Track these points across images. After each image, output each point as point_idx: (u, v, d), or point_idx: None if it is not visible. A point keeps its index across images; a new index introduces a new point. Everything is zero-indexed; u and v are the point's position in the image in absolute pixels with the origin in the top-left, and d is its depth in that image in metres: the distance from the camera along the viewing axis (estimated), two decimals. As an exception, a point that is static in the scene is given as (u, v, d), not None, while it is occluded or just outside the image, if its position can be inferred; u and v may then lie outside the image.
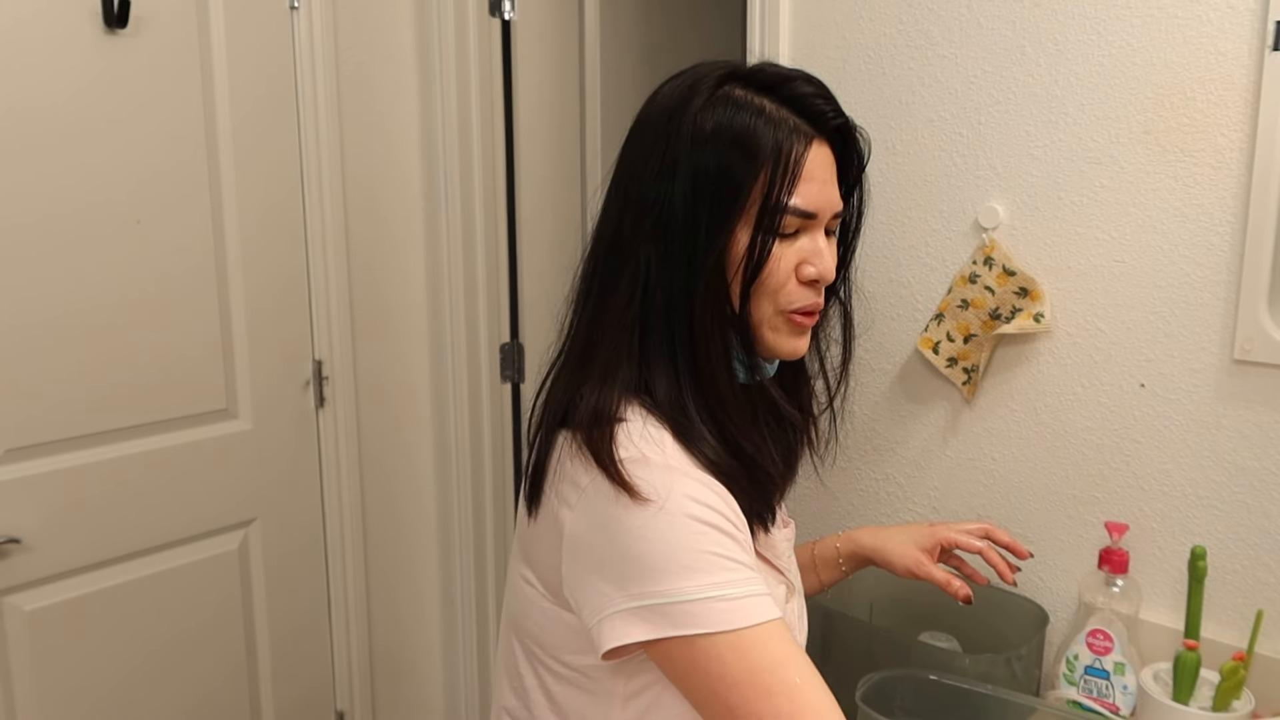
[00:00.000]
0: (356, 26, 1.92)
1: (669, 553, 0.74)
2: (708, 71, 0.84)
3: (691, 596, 0.73)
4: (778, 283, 0.83)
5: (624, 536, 0.75)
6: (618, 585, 0.75)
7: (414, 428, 2.11)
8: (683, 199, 0.81)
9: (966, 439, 1.42)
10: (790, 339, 0.87)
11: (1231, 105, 1.16)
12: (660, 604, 0.73)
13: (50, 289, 1.54)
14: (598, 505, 0.77)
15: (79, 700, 1.65)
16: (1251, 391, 1.19)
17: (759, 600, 0.75)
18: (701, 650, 0.73)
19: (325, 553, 2.00)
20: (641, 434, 0.79)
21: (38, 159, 1.51)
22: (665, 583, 0.73)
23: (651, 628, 0.74)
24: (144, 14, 1.60)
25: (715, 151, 0.80)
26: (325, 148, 1.88)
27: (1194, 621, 1.15)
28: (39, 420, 1.56)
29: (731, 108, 0.81)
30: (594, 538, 0.77)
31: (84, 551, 1.63)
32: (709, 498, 0.77)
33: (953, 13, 1.34)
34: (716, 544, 0.75)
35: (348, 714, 2.08)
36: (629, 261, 0.83)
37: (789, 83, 0.83)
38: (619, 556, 0.75)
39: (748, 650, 0.73)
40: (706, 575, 0.74)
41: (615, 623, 0.75)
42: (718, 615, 0.73)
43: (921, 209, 1.41)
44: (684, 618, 0.73)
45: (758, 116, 0.81)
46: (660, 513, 0.74)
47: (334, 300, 1.93)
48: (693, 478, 0.78)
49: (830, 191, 0.84)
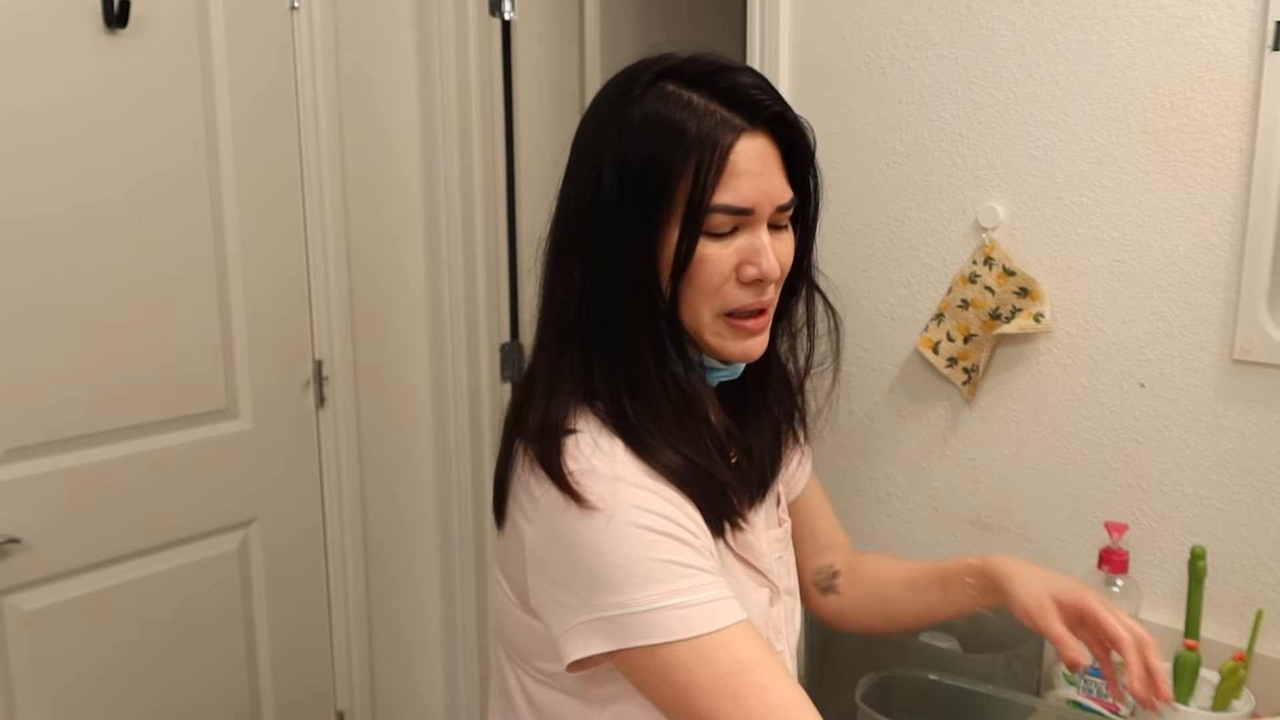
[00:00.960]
0: (356, 26, 1.92)
1: (623, 564, 0.73)
2: (644, 66, 0.81)
3: (649, 606, 0.72)
4: (714, 284, 0.80)
5: (578, 549, 0.74)
6: (577, 598, 0.74)
7: (414, 428, 2.11)
8: (610, 197, 0.78)
9: (966, 439, 1.42)
10: (735, 343, 0.83)
11: (1231, 105, 1.16)
12: (619, 615, 0.73)
13: (50, 289, 1.54)
14: (551, 518, 0.76)
15: (79, 700, 1.65)
16: (1251, 391, 1.19)
17: (720, 604, 0.74)
18: (664, 659, 0.72)
19: (325, 553, 2.00)
20: (591, 445, 0.78)
21: (38, 159, 1.51)
22: (622, 594, 0.73)
23: (612, 639, 0.73)
24: (144, 14, 1.60)
25: (641, 147, 0.78)
26: (325, 148, 1.88)
27: (1194, 621, 1.15)
28: (39, 420, 1.56)
29: (659, 102, 0.78)
30: (550, 551, 0.77)
31: (84, 551, 1.63)
32: (658, 505, 0.76)
33: (953, 13, 1.34)
34: (670, 551, 0.74)
35: (348, 714, 2.08)
36: (567, 265, 0.81)
37: (720, 73, 0.80)
38: (575, 569, 0.75)
39: (712, 656, 0.72)
40: (663, 584, 0.73)
41: (577, 635, 0.74)
42: (677, 623, 0.72)
43: (921, 209, 1.41)
44: (643, 628, 0.72)
45: (684, 110, 0.78)
46: (610, 524, 0.74)
47: (334, 300, 1.93)
48: (641, 486, 0.76)
49: (768, 184, 0.80)
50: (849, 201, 1.47)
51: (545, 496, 0.77)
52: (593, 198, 0.79)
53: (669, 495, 0.77)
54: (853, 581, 1.10)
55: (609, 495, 0.75)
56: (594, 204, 0.79)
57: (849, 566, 1.11)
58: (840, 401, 1.53)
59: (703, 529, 0.79)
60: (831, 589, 1.10)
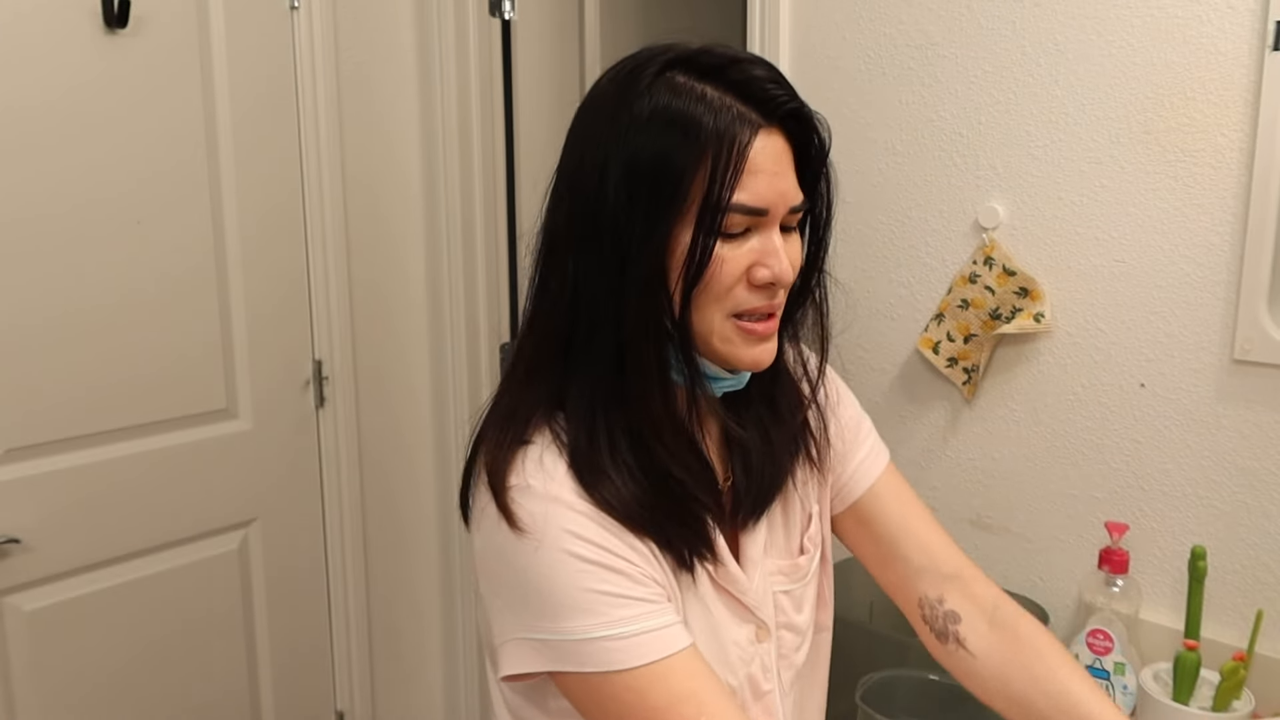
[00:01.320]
0: (356, 26, 1.92)
1: (554, 591, 0.71)
2: (650, 57, 0.75)
3: (580, 636, 0.70)
4: (725, 287, 0.75)
5: (512, 569, 0.73)
6: (513, 614, 0.73)
7: (414, 427, 2.11)
8: (615, 195, 0.73)
9: (966, 439, 1.42)
10: (747, 349, 0.78)
11: (1231, 105, 1.16)
12: (551, 640, 0.71)
13: (50, 289, 1.54)
14: (490, 531, 0.75)
15: (79, 700, 1.65)
16: (1251, 391, 1.19)
17: (658, 635, 0.71)
18: (598, 688, 0.71)
19: (325, 553, 2.00)
20: (536, 461, 0.75)
21: (38, 159, 1.51)
22: (555, 620, 0.71)
23: (546, 661, 0.71)
24: (144, 14, 1.60)
25: (651, 143, 0.72)
26: (325, 148, 1.88)
27: (1194, 621, 1.15)
28: (39, 420, 1.56)
29: (670, 94, 0.73)
30: (490, 563, 0.75)
31: (84, 551, 1.63)
32: (592, 531, 0.72)
33: (953, 13, 1.34)
34: (602, 581, 0.71)
35: (348, 714, 2.08)
36: (560, 264, 0.76)
37: (735, 65, 0.74)
38: (511, 587, 0.73)
39: (646, 689, 0.70)
40: (593, 615, 0.70)
41: (513, 650, 0.73)
42: (610, 655, 0.70)
43: (921, 209, 1.41)
44: (576, 656, 0.70)
45: (698, 103, 0.73)
46: (539, 549, 0.71)
47: (334, 300, 1.93)
48: (577, 510, 0.73)
49: (783, 184, 0.75)
50: (849, 201, 1.47)
51: (487, 509, 0.75)
52: (594, 195, 0.74)
53: (605, 521, 0.73)
54: (997, 653, 0.88)
55: (540, 517, 0.72)
56: (596, 202, 0.74)
57: (990, 624, 0.89)
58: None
59: (643, 555, 0.75)
60: (951, 637, 0.90)
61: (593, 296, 0.75)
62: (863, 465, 0.93)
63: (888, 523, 0.92)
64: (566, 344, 0.77)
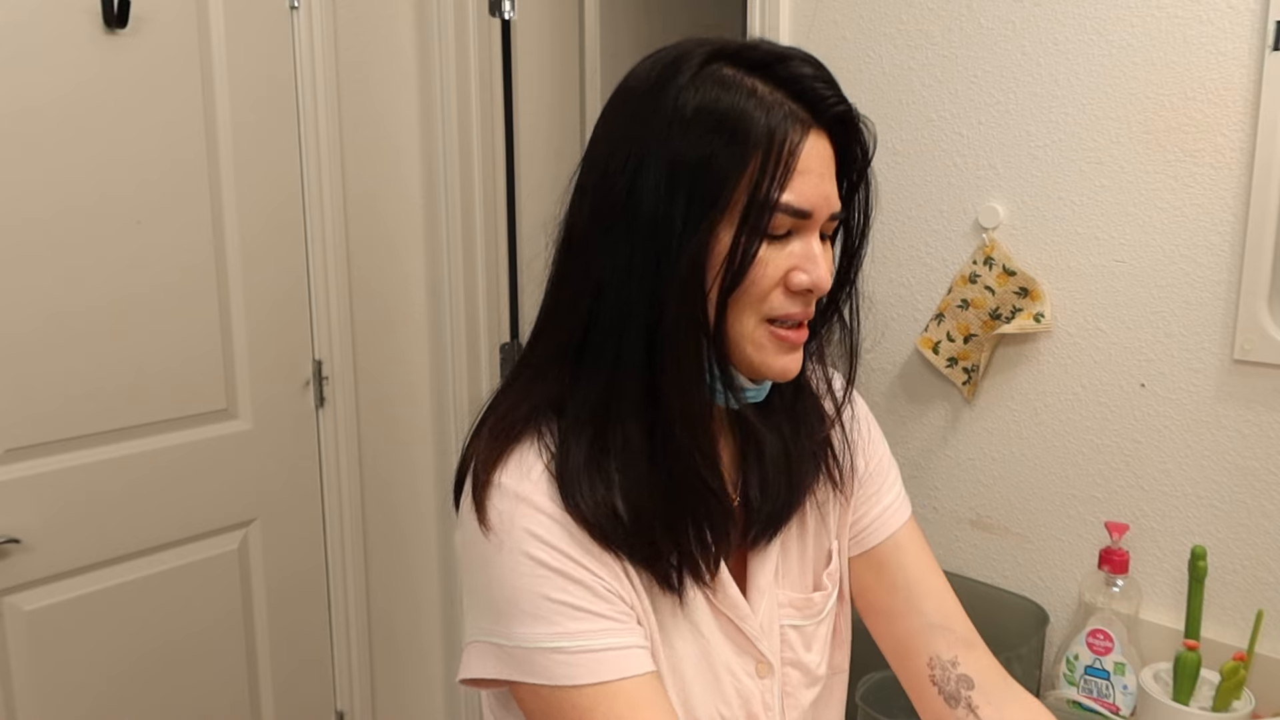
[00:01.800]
0: (356, 26, 1.92)
1: (510, 595, 0.69)
2: (692, 48, 0.72)
3: (532, 645, 0.68)
4: (762, 291, 0.71)
5: (477, 568, 0.71)
6: (475, 615, 0.72)
7: (414, 428, 2.11)
8: (654, 190, 0.69)
9: (966, 439, 1.42)
10: (778, 356, 0.74)
11: (1231, 105, 1.16)
12: (504, 644, 0.69)
13: (50, 289, 1.54)
14: (463, 527, 0.74)
15: (79, 700, 1.65)
16: (1251, 391, 1.19)
17: (614, 655, 0.68)
18: (545, 699, 0.68)
19: (325, 552, 2.00)
20: (517, 459, 0.72)
21: (37, 159, 1.51)
22: (508, 625, 0.69)
23: (501, 666, 0.70)
24: (144, 14, 1.60)
25: (696, 137, 0.68)
26: (325, 148, 1.88)
27: (1194, 621, 1.15)
28: (39, 420, 1.56)
29: (718, 88, 0.69)
30: (462, 560, 0.74)
31: (84, 551, 1.63)
32: (557, 536, 0.69)
33: (953, 13, 1.34)
34: (560, 590, 0.68)
35: (348, 714, 2.08)
36: (586, 261, 0.72)
37: (785, 62, 0.71)
38: (475, 586, 0.72)
39: (589, 708, 0.67)
40: (547, 624, 0.68)
41: (473, 652, 0.71)
42: (558, 668, 0.67)
43: (921, 209, 1.41)
44: (527, 665, 0.68)
45: (748, 98, 0.69)
46: (500, 549, 0.69)
47: (334, 300, 1.93)
48: (544, 512, 0.70)
49: (827, 188, 0.72)
50: (849, 201, 1.47)
51: (464, 505, 0.74)
52: (632, 190, 0.70)
53: (574, 530, 0.70)
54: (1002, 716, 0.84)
55: (506, 516, 0.70)
56: (633, 197, 0.70)
57: (1003, 697, 0.85)
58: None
59: (611, 570, 0.71)
60: (963, 703, 0.85)
61: (622, 295, 0.71)
62: (889, 510, 0.90)
63: (908, 575, 0.88)
64: (580, 343, 0.73)
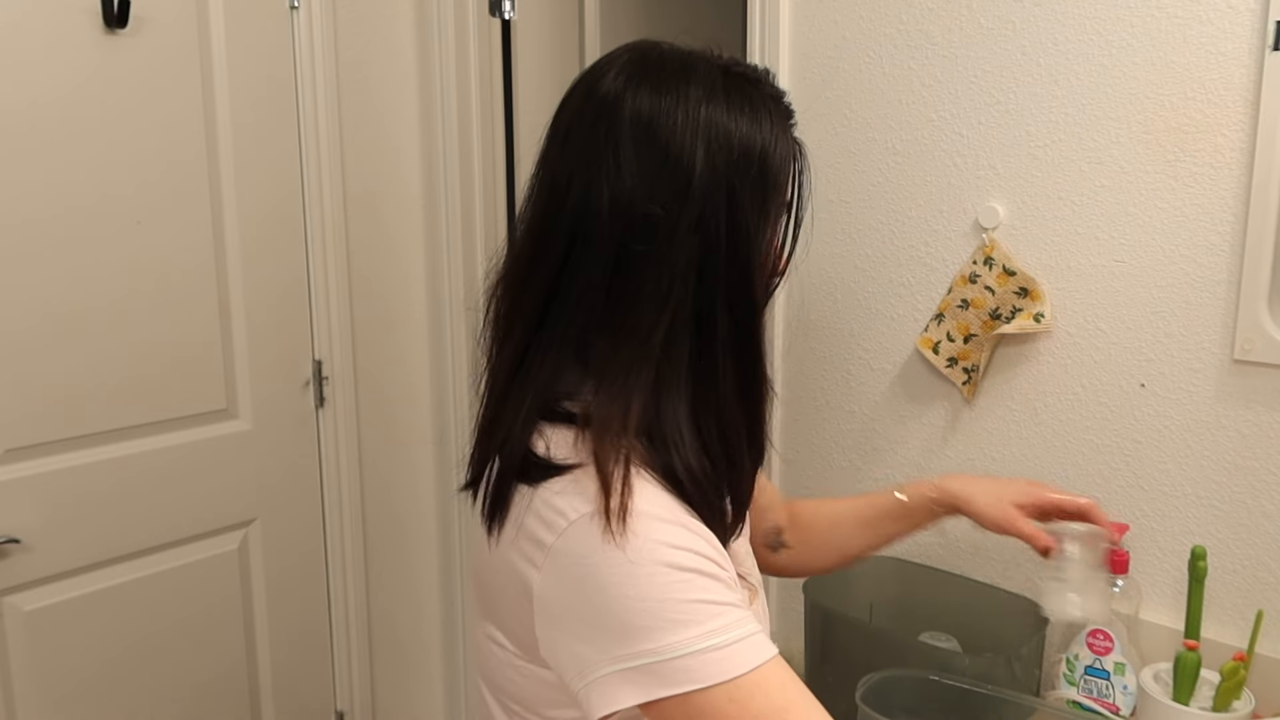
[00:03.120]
0: (356, 26, 1.92)
1: (652, 608, 0.69)
2: (702, 59, 0.78)
3: (682, 652, 0.68)
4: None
5: (601, 596, 0.70)
6: (601, 648, 0.70)
7: (414, 428, 2.11)
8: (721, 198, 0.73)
9: (966, 439, 1.42)
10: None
11: (1231, 105, 1.16)
12: (649, 664, 0.68)
13: (50, 289, 1.54)
14: (566, 564, 0.72)
15: (78, 700, 1.65)
16: (1251, 391, 1.19)
17: (753, 641, 0.70)
18: (698, 706, 0.68)
19: (325, 553, 2.00)
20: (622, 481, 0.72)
21: (37, 159, 1.51)
22: (652, 640, 0.68)
23: (643, 690, 0.69)
24: (144, 14, 1.60)
25: (742, 146, 0.74)
26: (325, 147, 1.88)
27: (1194, 621, 1.15)
28: (39, 420, 1.56)
29: (746, 101, 0.76)
30: (569, 599, 0.72)
31: (84, 551, 1.63)
32: (688, 540, 0.72)
33: (953, 13, 1.34)
34: (702, 590, 0.70)
35: (348, 714, 2.08)
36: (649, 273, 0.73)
37: (766, 80, 0.81)
38: (599, 617, 0.70)
39: (747, 699, 0.69)
40: (695, 626, 0.69)
41: (604, 687, 0.70)
42: (712, 667, 0.68)
43: (921, 209, 1.41)
44: (676, 675, 0.68)
45: (774, 106, 0.79)
46: (637, 565, 0.69)
47: (334, 300, 1.93)
48: (668, 521, 0.72)
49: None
50: (850, 201, 1.47)
51: (559, 542, 0.72)
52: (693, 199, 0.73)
53: (695, 526, 0.73)
54: (799, 533, 1.14)
55: (639, 530, 0.70)
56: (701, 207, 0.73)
57: (790, 520, 1.15)
58: (841, 400, 1.53)
59: (725, 557, 0.75)
60: (781, 545, 1.14)
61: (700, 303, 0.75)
62: None
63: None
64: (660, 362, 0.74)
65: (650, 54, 0.78)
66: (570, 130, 0.78)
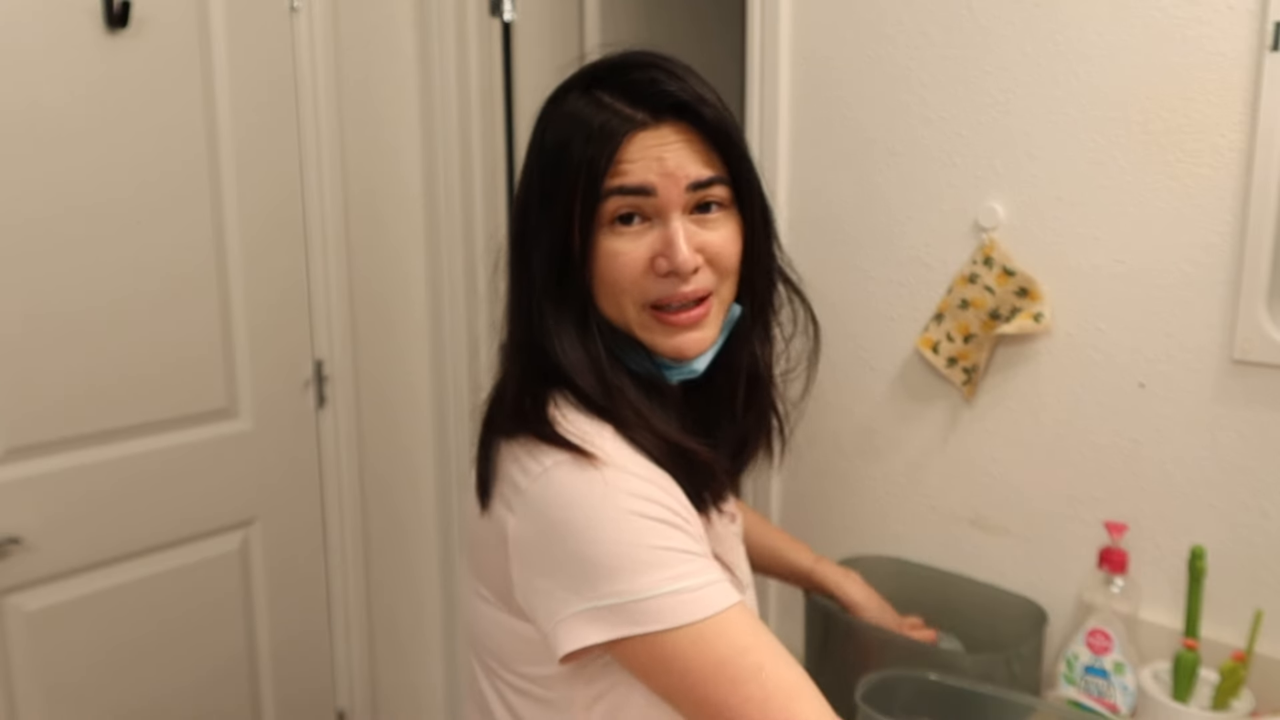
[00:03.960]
0: (357, 28, 1.92)
1: (619, 552, 0.72)
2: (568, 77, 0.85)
3: (648, 594, 0.71)
4: (627, 280, 0.80)
5: (571, 539, 0.73)
6: (570, 588, 0.73)
7: (414, 428, 2.11)
8: (531, 202, 0.83)
9: (966, 439, 1.42)
10: (666, 338, 0.82)
11: (1231, 106, 1.16)
12: (616, 603, 0.72)
13: (51, 289, 1.55)
14: (539, 507, 0.75)
15: (79, 700, 1.66)
16: (1251, 391, 1.19)
17: (716, 588, 0.74)
18: (663, 646, 0.72)
19: (325, 553, 2.00)
20: (581, 428, 0.78)
21: (38, 159, 1.51)
22: (619, 582, 0.72)
23: (609, 628, 0.72)
24: (145, 15, 1.60)
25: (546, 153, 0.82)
26: (326, 148, 1.88)
27: (1193, 621, 1.15)
28: (39, 420, 1.56)
29: (565, 117, 0.82)
30: (540, 540, 0.75)
31: (84, 551, 1.63)
32: (651, 491, 0.75)
33: (953, 13, 1.35)
34: (666, 538, 0.74)
35: (348, 714, 2.08)
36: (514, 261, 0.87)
37: (623, 70, 0.82)
38: (568, 558, 0.74)
39: (711, 642, 0.72)
40: (660, 570, 0.72)
41: (571, 625, 0.73)
42: (677, 609, 0.72)
43: (921, 209, 1.41)
44: (642, 615, 0.71)
45: (591, 107, 0.80)
46: (608, 510, 0.73)
47: (334, 300, 1.93)
48: (633, 473, 0.76)
49: (670, 165, 0.79)
50: (849, 202, 1.47)
51: (532, 486, 0.76)
52: (521, 199, 0.84)
53: (660, 480, 0.77)
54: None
55: (611, 479, 0.75)
56: (521, 206, 0.84)
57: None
58: (841, 400, 1.53)
59: (692, 513, 0.78)
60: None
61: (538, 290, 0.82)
62: None
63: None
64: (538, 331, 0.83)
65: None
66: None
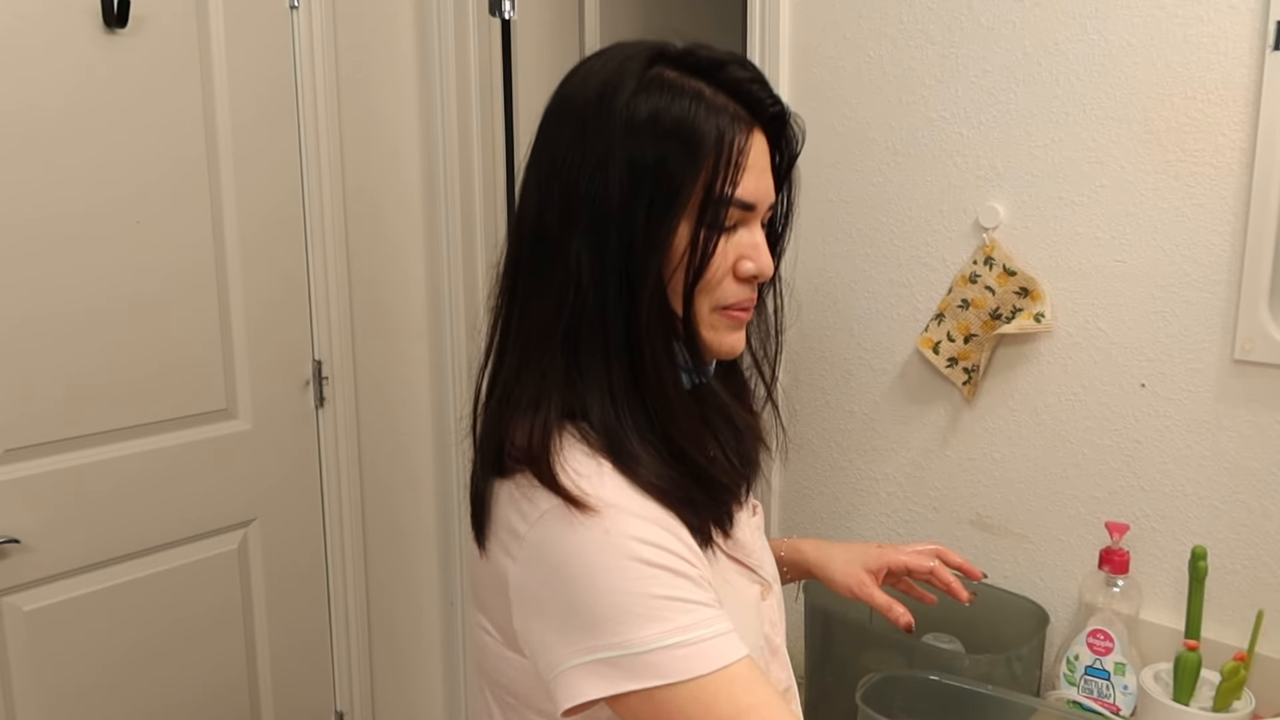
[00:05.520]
0: (356, 26, 1.92)
1: (620, 602, 0.69)
2: (635, 51, 0.77)
3: (648, 647, 0.68)
4: (717, 279, 0.78)
5: (572, 586, 0.70)
6: (568, 639, 0.70)
7: (414, 428, 2.11)
8: (619, 192, 0.74)
9: (966, 439, 1.42)
10: (728, 335, 0.82)
11: (1232, 105, 1.16)
12: (615, 656, 0.69)
13: (50, 288, 1.54)
14: (539, 555, 0.72)
15: (78, 700, 1.65)
16: (1251, 391, 1.19)
17: (721, 641, 0.70)
18: (662, 702, 0.69)
19: (325, 552, 2.00)
20: (577, 470, 0.73)
21: (37, 159, 1.51)
22: (619, 634, 0.68)
23: (608, 683, 0.69)
24: (144, 14, 1.60)
25: (652, 141, 0.74)
26: (325, 147, 1.88)
27: (1194, 622, 1.15)
28: (39, 420, 1.56)
29: (667, 93, 0.75)
30: (541, 589, 0.72)
31: (84, 551, 1.63)
32: (657, 535, 0.72)
33: (953, 13, 1.34)
34: (670, 587, 0.70)
35: (348, 714, 2.08)
36: (558, 262, 0.76)
37: (724, 67, 0.78)
38: (568, 608, 0.70)
39: (710, 699, 0.68)
40: (662, 622, 0.69)
41: (571, 679, 0.70)
42: (678, 664, 0.68)
43: (921, 209, 1.41)
44: (641, 670, 0.68)
45: (696, 102, 0.75)
46: (606, 558, 0.70)
47: (334, 300, 1.93)
48: (636, 515, 0.72)
49: (767, 182, 0.80)
50: (849, 201, 1.47)
51: (531, 533, 0.73)
52: (596, 192, 0.75)
53: (665, 521, 0.74)
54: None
55: (609, 523, 0.71)
56: (599, 199, 0.74)
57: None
58: (842, 400, 1.53)
59: (698, 555, 0.75)
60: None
61: (599, 294, 0.75)
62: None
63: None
64: (574, 347, 0.76)
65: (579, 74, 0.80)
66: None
